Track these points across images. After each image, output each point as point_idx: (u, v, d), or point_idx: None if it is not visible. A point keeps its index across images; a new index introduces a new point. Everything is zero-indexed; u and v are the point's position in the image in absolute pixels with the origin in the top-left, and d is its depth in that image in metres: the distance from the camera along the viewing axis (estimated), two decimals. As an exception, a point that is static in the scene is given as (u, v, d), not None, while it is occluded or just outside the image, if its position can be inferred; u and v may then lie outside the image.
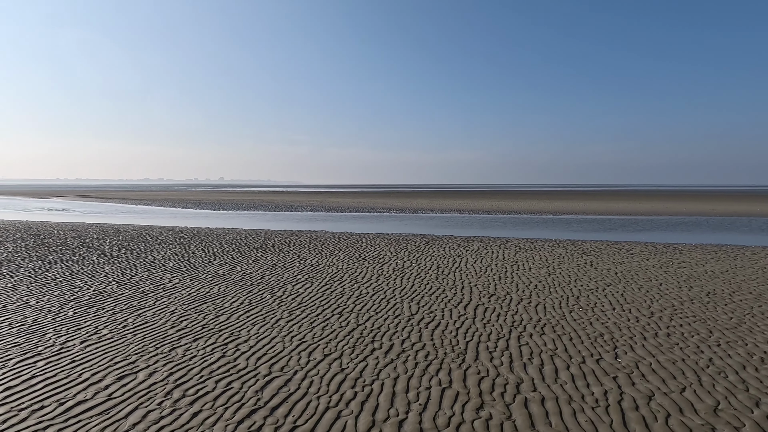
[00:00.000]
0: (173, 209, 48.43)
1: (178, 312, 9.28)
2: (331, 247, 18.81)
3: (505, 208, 48.05)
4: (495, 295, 10.80)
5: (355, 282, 12.21)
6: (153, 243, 19.92)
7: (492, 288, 11.49)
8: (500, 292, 11.09)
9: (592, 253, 17.61)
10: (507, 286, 11.76)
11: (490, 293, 10.93)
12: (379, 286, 11.68)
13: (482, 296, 10.67)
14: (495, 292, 11.08)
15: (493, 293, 10.93)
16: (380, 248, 18.63)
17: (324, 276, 13.00)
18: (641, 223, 32.87)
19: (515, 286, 11.77)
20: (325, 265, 14.69)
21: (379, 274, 13.35)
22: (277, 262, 15.40)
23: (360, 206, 52.60)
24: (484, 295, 10.74)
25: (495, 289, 11.31)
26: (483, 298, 10.52)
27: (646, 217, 37.63)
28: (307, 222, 33.11)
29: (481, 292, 11.03)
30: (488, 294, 10.86)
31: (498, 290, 11.24)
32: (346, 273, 13.44)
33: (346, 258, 16.20)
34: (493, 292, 11.08)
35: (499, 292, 11.02)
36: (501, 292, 11.09)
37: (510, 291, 11.19)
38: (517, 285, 11.86)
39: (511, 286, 11.68)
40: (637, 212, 43.11)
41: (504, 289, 11.34)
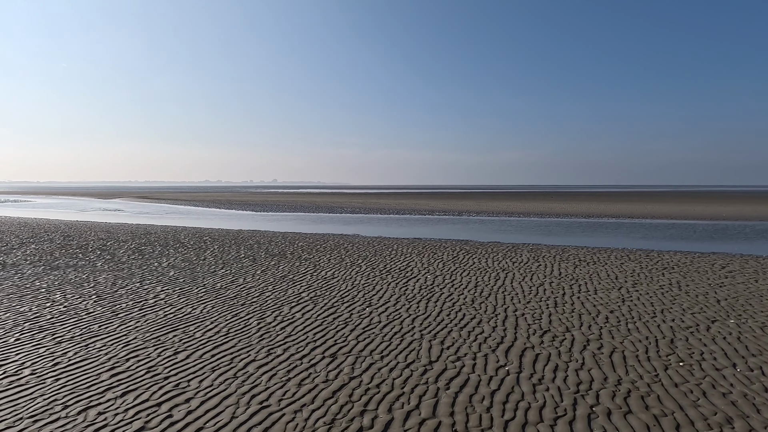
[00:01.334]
0: (217, 210, 48.53)
1: (134, 344, 7.32)
2: (355, 256, 16.54)
3: (560, 211, 43.70)
4: (549, 332, 7.98)
5: (369, 305, 9.81)
6: (170, 247, 18.65)
7: (545, 320, 8.65)
8: (557, 326, 8.25)
9: (677, 269, 14.06)
10: (566, 316, 8.87)
11: (542, 329, 8.12)
12: (397, 313, 9.19)
13: (531, 333, 7.89)
14: (550, 326, 8.24)
15: (547, 329, 8.11)
16: (411, 258, 16.11)
17: (334, 294, 10.71)
18: (729, 230, 27.92)
19: (577, 317, 8.85)
20: (340, 279, 12.41)
21: (402, 293, 10.87)
22: (288, 273, 13.33)
23: (401, 208, 50.22)
24: (534, 332, 7.96)
25: (549, 323, 8.48)
26: (533, 336, 7.75)
27: (733, 223, 32.26)
28: (343, 224, 31.19)
29: (530, 326, 8.24)
30: (540, 330, 8.06)
31: (554, 324, 8.40)
32: (361, 291, 11.08)
33: (368, 270, 13.85)
34: (547, 326, 8.25)
35: (555, 328, 8.18)
36: (558, 326, 8.24)
37: (570, 326, 8.31)
38: (580, 315, 8.93)
39: (572, 318, 8.78)
40: (719, 216, 37.41)
41: (562, 323, 8.47)
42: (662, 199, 72.98)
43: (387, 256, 16.58)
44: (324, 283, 11.99)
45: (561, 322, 8.48)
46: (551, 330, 8.04)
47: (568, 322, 8.48)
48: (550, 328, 8.13)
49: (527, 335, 7.77)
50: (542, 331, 7.97)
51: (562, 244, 20.44)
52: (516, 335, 7.78)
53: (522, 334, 7.82)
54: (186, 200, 72.02)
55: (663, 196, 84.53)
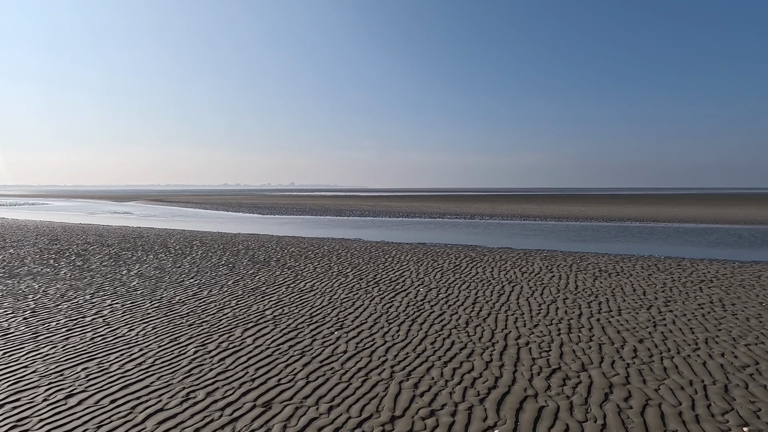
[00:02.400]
0: (224, 212, 47.64)
1: (25, 381, 5.80)
2: (346, 264, 14.88)
3: (579, 214, 41.27)
4: (560, 370, 6.15)
5: (340, 327, 8.13)
6: (151, 252, 17.34)
7: (555, 352, 6.82)
8: (569, 363, 6.41)
9: (716, 282, 11.96)
10: (582, 347, 7.02)
11: (550, 365, 6.30)
12: (371, 339, 7.48)
13: (536, 372, 6.08)
14: (560, 362, 6.41)
15: (557, 366, 6.28)
16: (408, 266, 14.37)
17: (303, 312, 9.06)
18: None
19: (596, 347, 6.99)
20: (318, 293, 10.77)
21: (384, 311, 9.15)
22: (262, 284, 11.76)
23: (412, 211, 48.44)
24: (539, 370, 6.14)
25: (560, 356, 6.64)
26: (537, 377, 5.94)
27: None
28: (347, 228, 29.62)
29: (534, 362, 6.43)
30: (547, 367, 6.24)
31: (566, 359, 6.56)
32: (337, 308, 9.41)
33: (353, 281, 12.17)
34: (557, 362, 6.43)
35: (567, 364, 6.35)
36: (571, 363, 6.41)
37: (587, 361, 6.46)
38: (600, 346, 7.07)
39: (589, 350, 6.92)
40: (755, 220, 34.50)
41: (577, 357, 6.63)
42: (691, 201, 69.28)
43: (381, 264, 14.88)
44: (297, 297, 10.36)
45: (575, 356, 6.63)
46: (562, 368, 6.21)
47: (584, 356, 6.63)
48: (561, 365, 6.29)
49: (530, 376, 5.96)
50: (550, 370, 6.14)
51: (580, 251, 18.40)
52: (515, 376, 5.98)
53: (523, 374, 6.01)
54: (198, 203, 71.75)
55: (691, 199, 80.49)
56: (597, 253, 17.62)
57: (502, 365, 6.31)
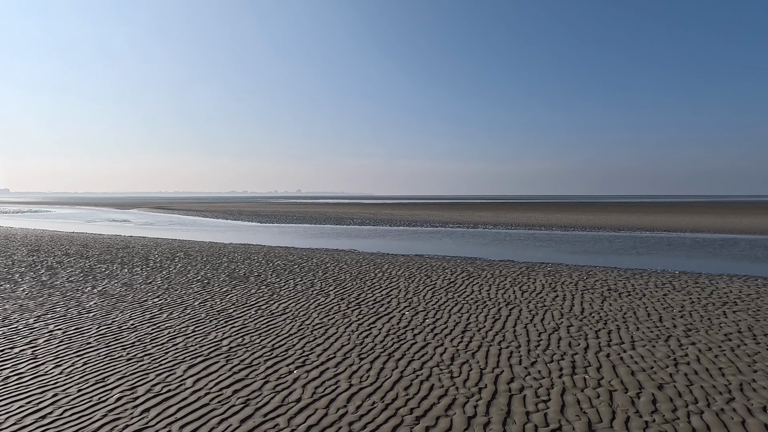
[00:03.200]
0: (223, 221, 46.71)
1: None
2: (332, 279, 13.69)
3: (586, 223, 39.81)
4: (562, 430, 4.88)
5: (302, 363, 6.91)
6: (128, 265, 16.28)
7: (556, 403, 5.55)
8: (573, 422, 5.13)
9: (741, 305, 10.59)
10: (589, 396, 5.74)
11: (549, 425, 5.03)
12: (333, 382, 6.25)
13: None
14: (561, 420, 5.14)
15: (558, 426, 5.01)
16: (398, 283, 13.15)
17: (265, 343, 7.87)
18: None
19: (607, 398, 5.71)
20: (289, 317, 9.57)
21: (359, 342, 7.92)
22: (231, 305, 10.59)
23: (414, 219, 47.21)
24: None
25: (562, 410, 5.37)
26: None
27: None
28: (343, 238, 28.46)
29: (529, 419, 5.17)
30: (545, 427, 4.98)
31: (569, 414, 5.29)
32: (306, 338, 8.19)
33: (335, 300, 10.97)
34: (557, 420, 5.15)
35: (570, 424, 5.07)
36: (575, 422, 5.13)
37: (596, 419, 5.18)
38: (611, 394, 5.78)
39: (598, 401, 5.64)
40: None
41: (582, 413, 5.35)
42: (702, 209, 67.34)
43: (368, 280, 13.66)
44: (265, 322, 9.16)
45: (579, 410, 5.36)
46: (563, 429, 4.94)
47: (590, 410, 5.35)
48: (562, 425, 5.02)
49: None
50: (548, 431, 4.88)
51: (587, 265, 17.06)
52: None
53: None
54: (200, 210, 71.08)
55: (702, 207, 78.42)
56: (605, 268, 16.28)
57: (488, 423, 5.06)
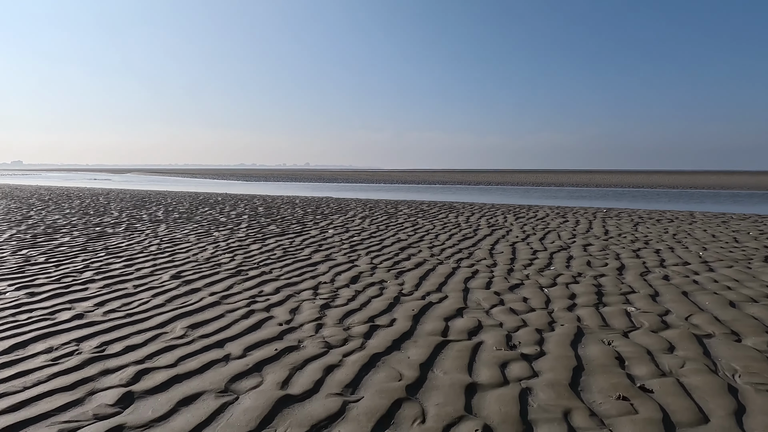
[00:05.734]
0: (202, 179, 43.69)
1: None
2: (262, 218, 10.30)
3: (600, 181, 35.85)
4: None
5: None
6: (58, 207, 13.09)
7: (563, 366, 2.10)
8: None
9: None
10: (654, 348, 2.28)
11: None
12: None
13: None
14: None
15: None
16: (354, 213, 9.73)
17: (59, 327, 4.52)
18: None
19: (692, 349, 2.25)
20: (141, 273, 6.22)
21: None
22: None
23: (405, 180, 43.66)
24: None
25: (587, 377, 1.93)
26: None
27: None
28: (323, 190, 25.08)
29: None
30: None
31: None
32: (167, 307, 4.84)
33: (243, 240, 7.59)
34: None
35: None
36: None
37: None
38: (703, 344, 2.33)
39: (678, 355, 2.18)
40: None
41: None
42: (734, 174, 62.70)
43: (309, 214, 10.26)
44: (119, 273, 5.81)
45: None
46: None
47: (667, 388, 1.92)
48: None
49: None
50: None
51: (612, 207, 13.45)
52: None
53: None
54: (193, 175, 68.23)
55: (735, 174, 73.50)
56: (635, 209, 12.62)
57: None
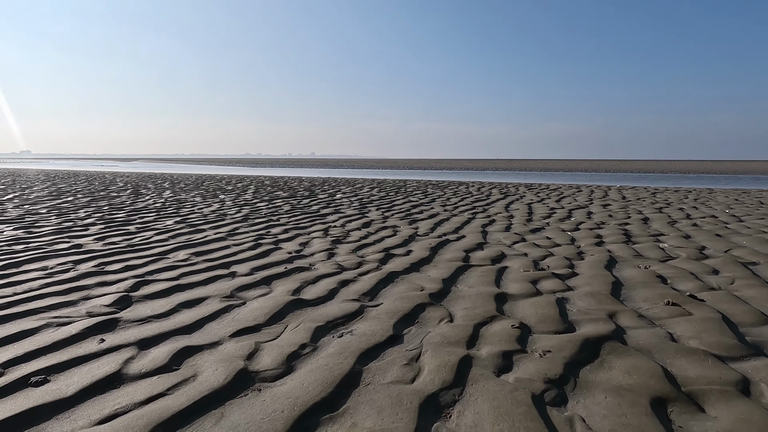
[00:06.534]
0: (197, 165, 43.84)
1: None
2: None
3: (610, 167, 35.27)
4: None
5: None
6: (64, 180, 13.11)
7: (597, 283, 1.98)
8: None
9: None
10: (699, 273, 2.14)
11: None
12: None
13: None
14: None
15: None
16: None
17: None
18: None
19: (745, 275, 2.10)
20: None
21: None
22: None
23: (423, 166, 43.33)
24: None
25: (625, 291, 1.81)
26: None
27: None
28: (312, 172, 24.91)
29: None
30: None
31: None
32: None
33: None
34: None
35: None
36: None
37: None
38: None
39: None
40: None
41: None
42: (753, 164, 61.27)
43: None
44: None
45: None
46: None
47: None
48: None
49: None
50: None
51: (629, 185, 13.14)
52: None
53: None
54: (193, 162, 68.36)
55: (754, 163, 71.81)
56: (648, 186, 12.28)
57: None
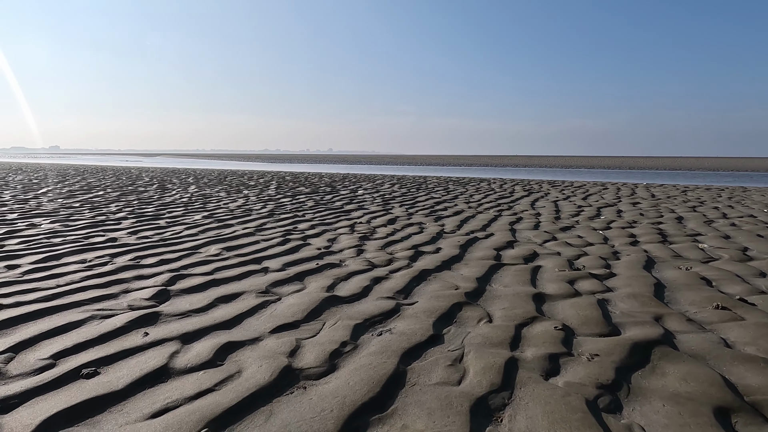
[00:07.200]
0: (215, 161, 44.70)
1: None
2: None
3: (634, 165, 34.59)
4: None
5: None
6: (93, 175, 13.73)
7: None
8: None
9: None
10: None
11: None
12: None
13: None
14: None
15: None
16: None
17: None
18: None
19: None
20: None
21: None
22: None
23: (441, 162, 43.31)
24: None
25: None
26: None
27: None
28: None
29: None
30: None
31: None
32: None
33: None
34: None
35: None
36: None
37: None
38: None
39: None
40: None
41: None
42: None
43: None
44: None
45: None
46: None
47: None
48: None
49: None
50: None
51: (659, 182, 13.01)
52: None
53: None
54: (210, 158, 69.54)
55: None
56: (677, 184, 12.10)
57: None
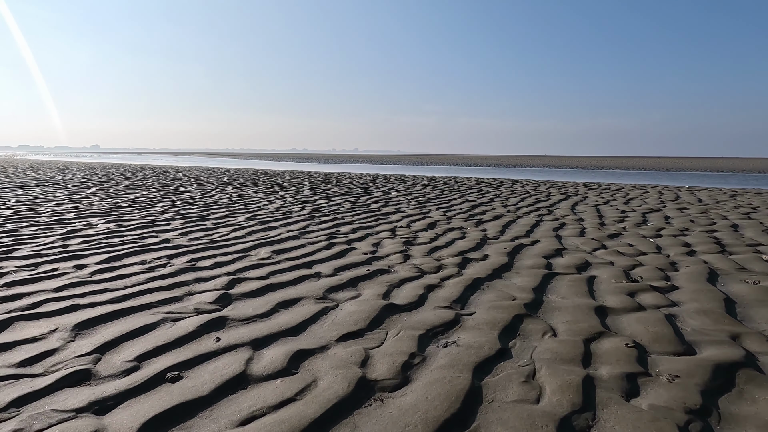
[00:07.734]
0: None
1: None
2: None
3: (671, 166, 32.91)
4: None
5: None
6: (134, 174, 14.05)
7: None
8: None
9: None
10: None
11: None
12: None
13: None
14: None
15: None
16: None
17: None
18: None
19: None
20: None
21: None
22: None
23: (468, 162, 42.61)
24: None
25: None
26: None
27: None
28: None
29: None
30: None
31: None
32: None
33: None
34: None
35: None
36: None
37: None
38: None
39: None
40: None
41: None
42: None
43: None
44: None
45: None
46: None
47: None
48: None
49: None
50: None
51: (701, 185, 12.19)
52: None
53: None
54: (239, 157, 70.80)
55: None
56: (723, 188, 11.24)
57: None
